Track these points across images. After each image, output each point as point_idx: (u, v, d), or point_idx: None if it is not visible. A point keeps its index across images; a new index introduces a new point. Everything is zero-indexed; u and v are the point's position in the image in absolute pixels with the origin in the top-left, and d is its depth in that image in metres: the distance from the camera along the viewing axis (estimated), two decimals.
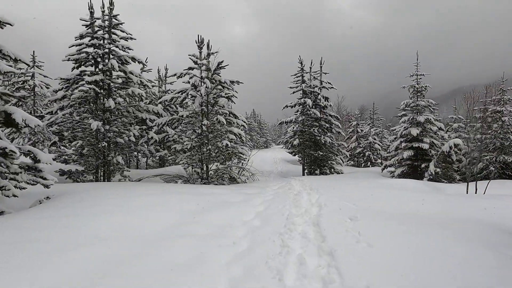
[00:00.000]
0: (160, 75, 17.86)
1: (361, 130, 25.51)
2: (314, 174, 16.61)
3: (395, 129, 16.55)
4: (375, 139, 24.93)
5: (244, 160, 14.09)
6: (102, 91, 11.42)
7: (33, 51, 17.29)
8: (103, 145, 10.69)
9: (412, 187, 9.21)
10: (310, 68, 17.16)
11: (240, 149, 12.45)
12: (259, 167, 18.52)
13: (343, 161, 17.68)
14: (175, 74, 11.88)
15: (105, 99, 11.31)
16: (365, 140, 24.96)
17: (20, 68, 19.84)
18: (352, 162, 25.22)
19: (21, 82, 17.39)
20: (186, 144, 10.96)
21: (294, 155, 18.47)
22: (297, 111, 17.26)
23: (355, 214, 4.87)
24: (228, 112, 11.81)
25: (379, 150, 24.56)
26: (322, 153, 16.26)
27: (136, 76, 11.85)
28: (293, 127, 17.68)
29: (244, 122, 12.39)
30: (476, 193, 10.02)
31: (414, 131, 13.90)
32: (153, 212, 5.44)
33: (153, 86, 17.77)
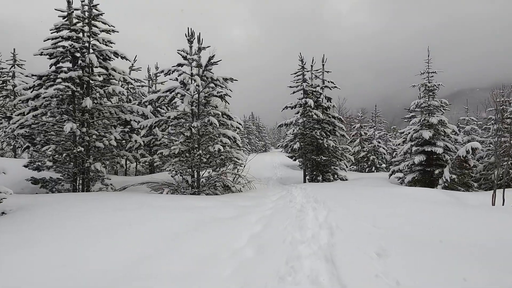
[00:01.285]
0: (150, 74, 16.63)
1: (365, 133, 24.27)
2: (316, 181, 15.35)
3: (403, 132, 15.33)
4: (379, 143, 23.70)
5: (241, 166, 12.82)
6: (79, 89, 10.20)
7: (14, 49, 16.06)
8: (78, 150, 9.42)
9: (437, 198, 7.94)
10: (312, 66, 15.95)
11: (235, 153, 11.20)
12: (257, 172, 17.25)
13: (347, 166, 16.43)
14: (162, 71, 10.61)
15: (84, 98, 10.07)
16: (369, 144, 23.71)
17: (2, 68, 18.66)
18: (355, 167, 23.95)
19: (1, 82, 16.14)
20: (174, 149, 9.70)
21: (295, 160, 17.22)
22: (298, 112, 16.02)
23: (382, 244, 3.61)
24: (221, 113, 10.57)
25: (384, 154, 23.31)
26: (325, 158, 15.01)
27: (119, 73, 10.62)
28: (293, 130, 16.44)
29: (240, 124, 11.15)
30: (503, 204, 8.81)
31: (426, 134, 12.66)
32: (113, 238, 4.17)
33: (142, 86, 16.56)
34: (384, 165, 23.24)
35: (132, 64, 16.47)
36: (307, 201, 7.45)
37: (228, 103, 11.68)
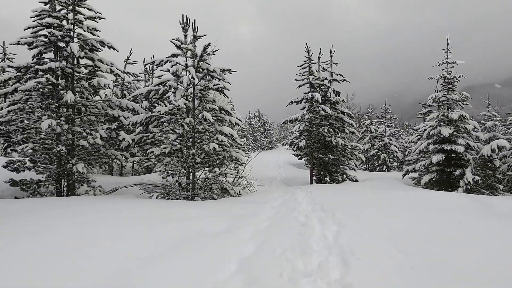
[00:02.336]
0: (146, 68, 15.67)
1: (375, 130, 23.00)
2: (324, 182, 14.26)
3: (418, 128, 14.11)
4: (391, 140, 22.44)
5: (242, 165, 11.82)
6: (63, 82, 9.29)
7: (3, 42, 15.24)
8: (59, 149, 8.50)
9: (462, 205, 6.78)
10: (319, 58, 14.81)
11: (234, 153, 10.19)
12: (260, 172, 16.22)
13: (357, 166, 15.28)
14: (153, 62, 9.63)
15: (66, 92, 9.15)
16: (379, 141, 22.46)
17: None
18: (365, 166, 22.74)
19: None
20: (164, 148, 8.73)
21: (300, 158, 16.15)
22: (304, 107, 14.92)
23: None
24: (218, 108, 9.55)
25: (396, 152, 22.05)
26: (333, 157, 13.90)
27: (106, 65, 9.66)
28: (299, 126, 15.34)
29: (239, 120, 10.12)
30: None
31: (446, 131, 11.44)
32: (53, 270, 3.17)
33: (138, 80, 15.63)
34: (395, 164, 21.99)
35: (128, 58, 15.52)
36: (313, 209, 6.41)
37: (228, 97, 10.68)
